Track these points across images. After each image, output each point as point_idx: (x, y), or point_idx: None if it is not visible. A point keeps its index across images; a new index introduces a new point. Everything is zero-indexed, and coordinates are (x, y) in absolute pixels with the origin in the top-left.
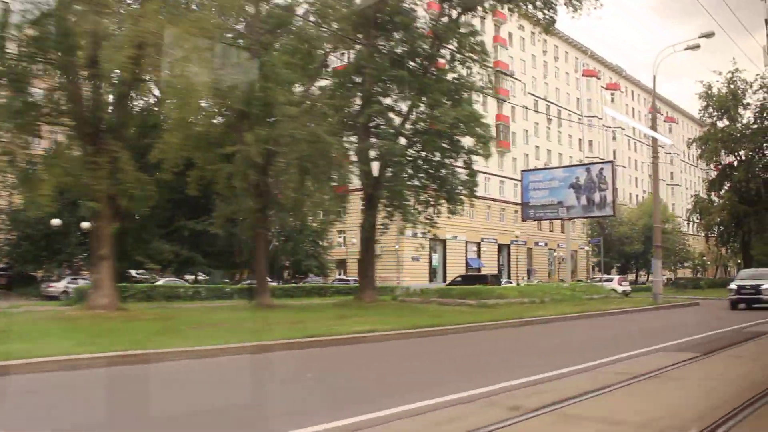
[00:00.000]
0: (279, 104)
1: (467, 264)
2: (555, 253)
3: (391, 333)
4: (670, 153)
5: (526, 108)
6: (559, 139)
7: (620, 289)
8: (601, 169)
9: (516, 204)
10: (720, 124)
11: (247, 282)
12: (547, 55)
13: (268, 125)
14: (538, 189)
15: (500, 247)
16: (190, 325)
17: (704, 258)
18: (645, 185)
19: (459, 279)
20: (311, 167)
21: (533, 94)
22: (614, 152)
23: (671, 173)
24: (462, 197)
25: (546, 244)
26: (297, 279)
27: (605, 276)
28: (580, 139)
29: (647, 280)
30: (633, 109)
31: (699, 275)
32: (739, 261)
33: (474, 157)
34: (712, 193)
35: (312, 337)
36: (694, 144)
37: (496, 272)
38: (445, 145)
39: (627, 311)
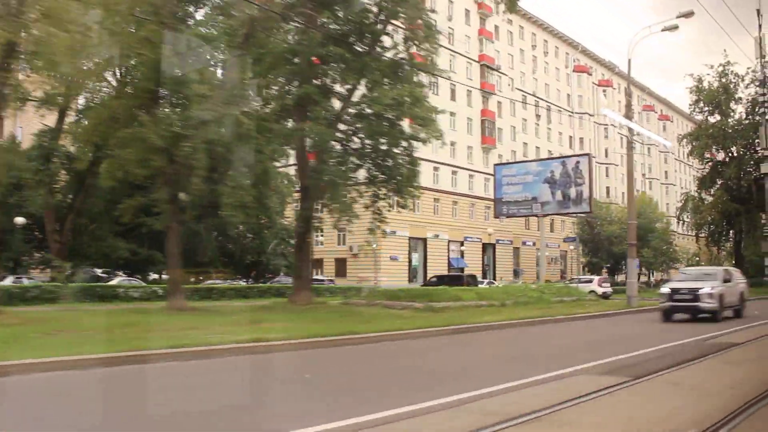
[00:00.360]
0: (190, 82)
1: (449, 264)
2: (545, 253)
3: (280, 343)
4: (664, 151)
5: (513, 103)
6: (548, 135)
7: (600, 290)
8: (578, 162)
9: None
10: (711, 120)
11: (210, 282)
12: (537, 50)
13: (181, 106)
14: (512, 184)
15: (485, 246)
16: (49, 331)
17: (698, 258)
18: (637, 184)
19: (434, 279)
20: (225, 153)
21: (521, 90)
22: (606, 150)
23: (665, 172)
24: (411, 189)
25: (534, 244)
26: (267, 279)
27: (585, 277)
28: (570, 136)
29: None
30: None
31: None
32: (733, 262)
33: (451, 152)
34: (703, 192)
35: (169, 348)
36: (685, 140)
37: (473, 273)
38: (388, 131)
39: (593, 316)
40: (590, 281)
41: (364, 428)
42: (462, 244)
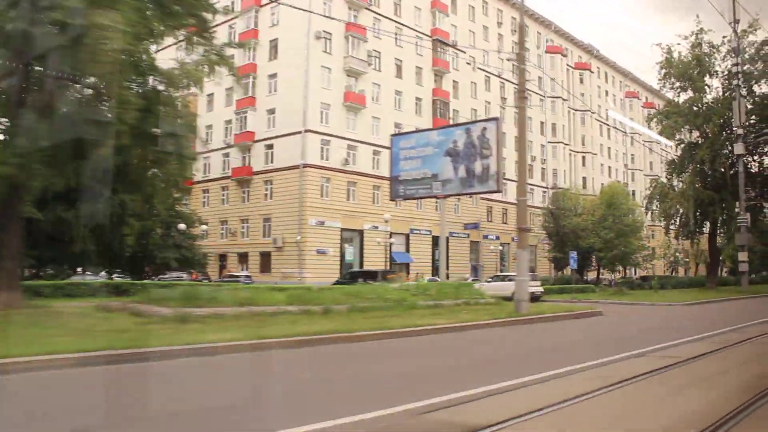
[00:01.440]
0: None
1: (391, 258)
2: (506, 247)
3: None
4: (648, 142)
5: (474, 84)
6: (515, 120)
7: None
8: (484, 129)
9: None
10: (684, 97)
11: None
12: (503, 28)
13: None
14: (410, 158)
15: (437, 239)
16: None
17: (679, 254)
18: (619, 174)
19: (347, 275)
20: None
21: (484, 70)
22: (583, 138)
23: (650, 163)
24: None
25: (498, 238)
26: (156, 275)
27: (508, 274)
28: (542, 122)
29: (614, 278)
30: (606, 91)
31: (675, 273)
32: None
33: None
34: (675, 178)
35: None
36: (655, 120)
37: (388, 268)
38: None
39: (451, 328)
40: (513, 278)
41: None
42: (407, 236)
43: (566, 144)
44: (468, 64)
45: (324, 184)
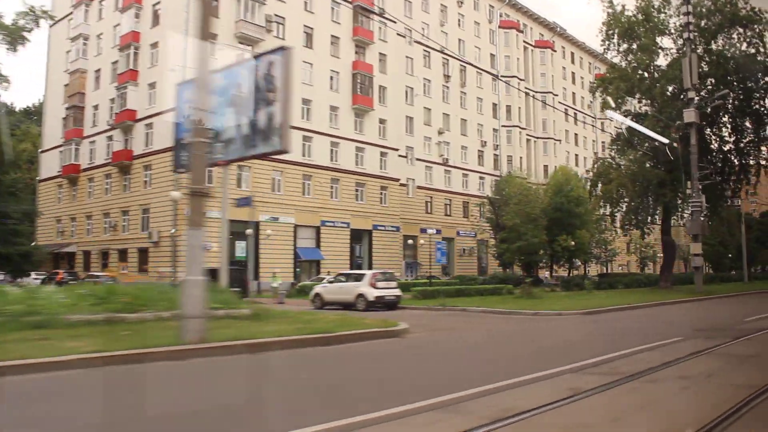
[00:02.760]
0: None
1: (296, 255)
2: (451, 243)
3: None
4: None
5: (411, 59)
6: (462, 101)
7: (373, 293)
8: (271, 64)
9: (379, 178)
10: (630, 59)
11: None
12: None
13: None
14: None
15: (359, 233)
16: None
17: (654, 249)
18: (588, 163)
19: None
20: None
21: (423, 44)
22: (544, 122)
23: (602, 144)
24: None
25: (439, 231)
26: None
27: (354, 272)
28: (494, 104)
29: (546, 277)
30: (573, 73)
31: (645, 270)
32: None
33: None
34: (621, 156)
35: None
36: (599, 90)
37: (243, 265)
38: None
39: None
40: (360, 278)
41: None
42: (318, 229)
43: (522, 128)
44: (401, 36)
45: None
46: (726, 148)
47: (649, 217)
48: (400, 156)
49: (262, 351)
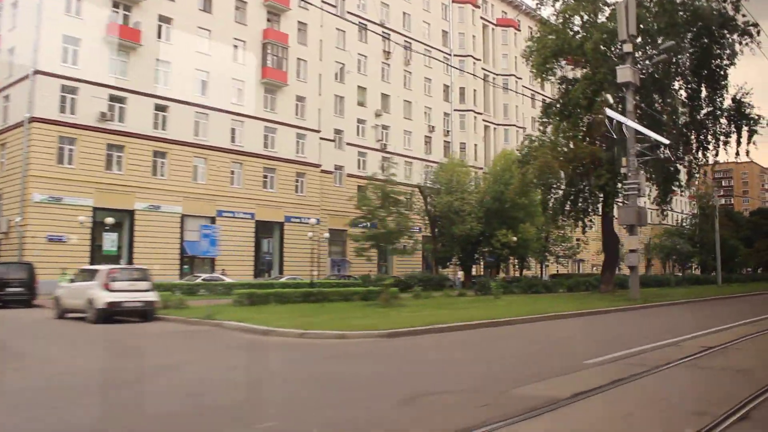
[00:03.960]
0: None
1: (182, 249)
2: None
3: None
4: None
5: (343, 32)
6: (406, 81)
7: (105, 299)
8: None
9: (295, 162)
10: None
11: None
12: None
13: None
14: None
15: (269, 226)
16: None
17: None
18: None
19: None
20: None
21: (359, 15)
22: (505, 107)
23: None
24: None
25: (374, 225)
26: None
27: (90, 268)
28: (446, 85)
29: (459, 277)
30: None
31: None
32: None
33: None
34: (553, 132)
35: None
36: (533, 56)
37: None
38: None
39: None
40: (93, 276)
41: None
42: (213, 220)
43: (479, 113)
44: (329, 3)
45: (66, 146)
46: (682, 121)
47: (589, 206)
48: (324, 139)
49: None
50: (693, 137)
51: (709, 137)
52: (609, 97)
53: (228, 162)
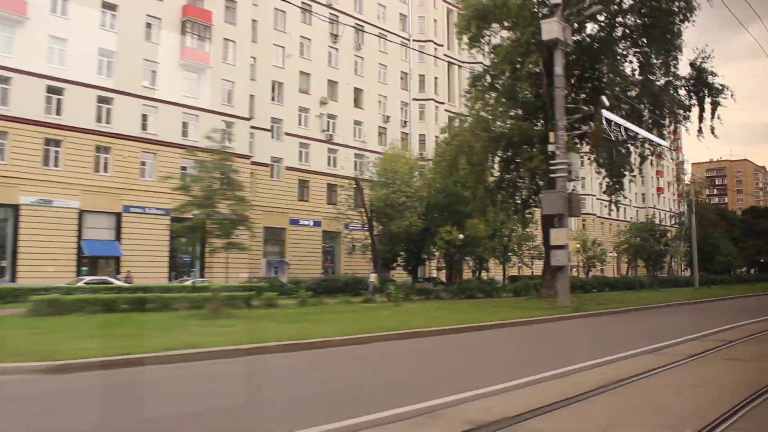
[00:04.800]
0: None
1: (79, 248)
2: (345, 238)
3: None
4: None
5: (282, 12)
6: (357, 67)
7: None
8: None
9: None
10: None
11: None
12: None
13: None
14: None
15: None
16: None
17: (601, 248)
18: None
19: None
20: None
21: None
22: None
23: None
24: None
25: (318, 223)
26: None
27: None
28: (405, 72)
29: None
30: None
31: (589, 273)
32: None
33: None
34: (482, 107)
35: None
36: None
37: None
38: None
39: None
40: None
41: None
42: (119, 217)
43: (440, 102)
44: None
45: None
46: (633, 94)
47: (525, 195)
48: (258, 128)
49: None
50: (646, 112)
51: (665, 112)
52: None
53: (138, 152)
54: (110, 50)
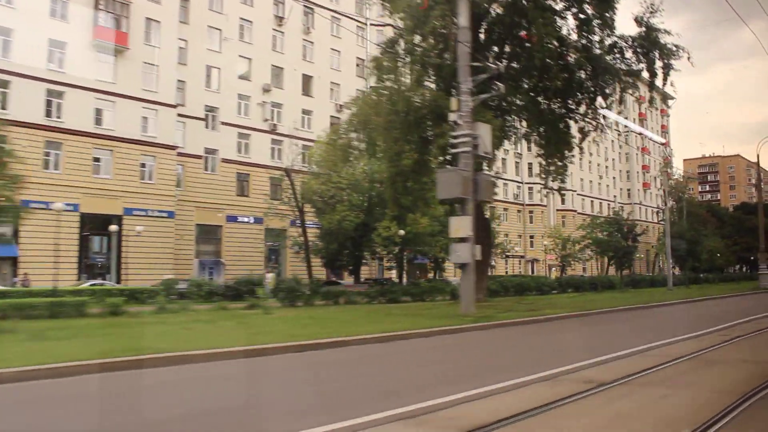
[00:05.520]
0: None
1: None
2: (291, 236)
3: None
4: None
5: None
6: (306, 53)
7: None
8: None
9: (139, 143)
10: None
11: None
12: None
13: None
14: None
15: (103, 220)
16: None
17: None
18: None
19: None
20: None
21: None
22: None
23: None
24: None
25: (260, 220)
26: None
27: None
28: (361, 59)
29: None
30: None
31: (563, 273)
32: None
33: None
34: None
35: None
36: None
37: None
38: None
39: None
40: None
41: None
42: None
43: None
44: None
45: None
46: (572, 59)
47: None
48: (189, 117)
49: None
50: (586, 79)
51: (609, 78)
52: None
53: (40, 140)
54: (7, 27)
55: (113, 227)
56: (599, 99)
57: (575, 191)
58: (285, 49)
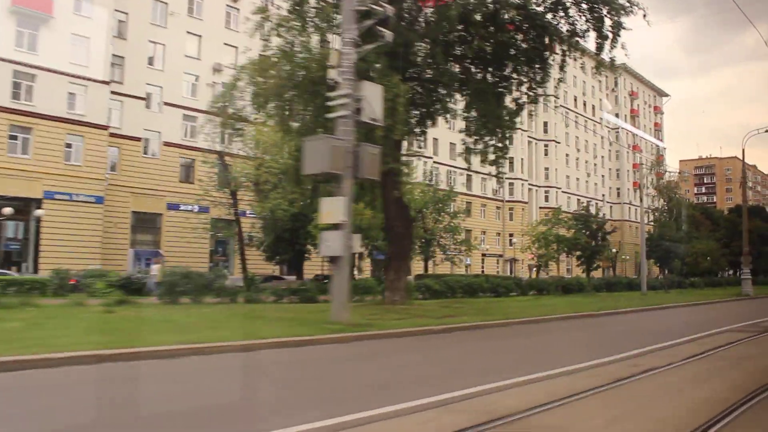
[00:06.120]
0: None
1: None
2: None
3: None
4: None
5: None
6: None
7: None
8: None
9: (64, 121)
10: None
11: None
12: None
13: None
14: None
15: (21, 204)
16: None
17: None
18: None
19: None
20: None
21: None
22: None
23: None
24: None
25: (206, 209)
26: None
27: None
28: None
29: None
30: None
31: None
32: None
33: None
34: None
35: None
36: None
37: None
38: None
39: None
40: None
41: None
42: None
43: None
44: None
45: None
46: (506, 17)
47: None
48: (128, 96)
49: None
50: (521, 41)
51: (547, 40)
52: None
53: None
54: None
55: (40, 211)
56: (537, 67)
57: (560, 188)
58: (240, 26)
